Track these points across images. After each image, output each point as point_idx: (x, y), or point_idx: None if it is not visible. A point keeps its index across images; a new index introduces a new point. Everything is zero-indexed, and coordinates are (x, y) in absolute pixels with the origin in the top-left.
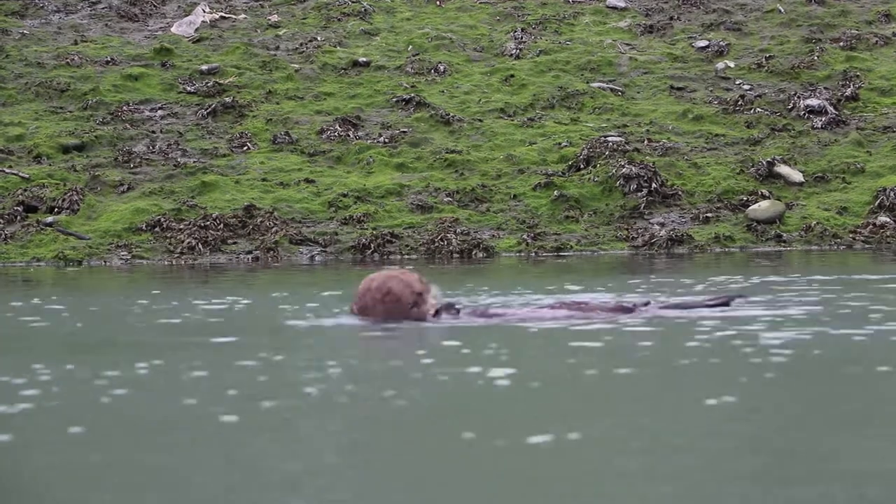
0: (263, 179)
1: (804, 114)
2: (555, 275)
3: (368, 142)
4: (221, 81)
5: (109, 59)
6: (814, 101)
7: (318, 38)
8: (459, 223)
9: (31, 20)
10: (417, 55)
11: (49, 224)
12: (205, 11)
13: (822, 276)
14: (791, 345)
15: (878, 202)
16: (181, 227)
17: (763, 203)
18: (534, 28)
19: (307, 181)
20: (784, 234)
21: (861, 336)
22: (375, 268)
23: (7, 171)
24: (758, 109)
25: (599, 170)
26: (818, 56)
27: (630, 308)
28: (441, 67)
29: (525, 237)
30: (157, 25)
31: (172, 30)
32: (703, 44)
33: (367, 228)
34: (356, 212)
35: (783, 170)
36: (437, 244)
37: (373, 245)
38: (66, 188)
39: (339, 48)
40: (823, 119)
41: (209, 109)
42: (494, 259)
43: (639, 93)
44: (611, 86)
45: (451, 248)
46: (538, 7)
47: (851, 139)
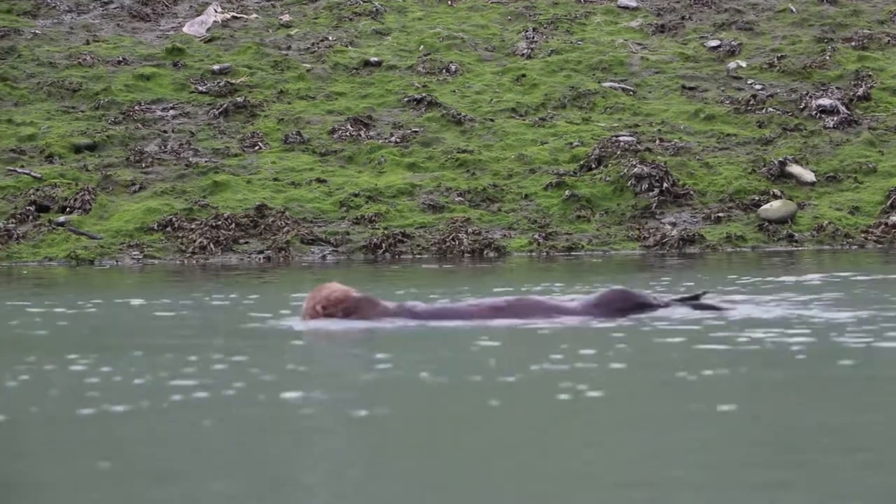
0: (275, 179)
1: (816, 113)
2: (565, 274)
3: (380, 141)
4: (233, 81)
5: (121, 59)
6: (826, 101)
7: (330, 38)
8: (471, 223)
9: (44, 20)
10: (429, 55)
11: (61, 224)
12: (216, 11)
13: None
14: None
15: (891, 202)
16: (193, 227)
17: (775, 203)
18: (545, 28)
19: (319, 181)
20: (796, 234)
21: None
22: (387, 267)
23: (19, 171)
24: (770, 109)
25: (611, 169)
26: (830, 56)
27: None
28: (452, 67)
29: (536, 237)
30: (169, 25)
31: (184, 29)
32: (715, 43)
33: (379, 228)
34: (368, 211)
35: (795, 169)
36: (449, 244)
37: (384, 245)
38: (78, 188)
39: (351, 48)
40: (835, 119)
41: (221, 109)
42: (505, 258)
43: (650, 92)
44: (622, 85)
45: (463, 248)
46: (550, 7)
47: (863, 139)
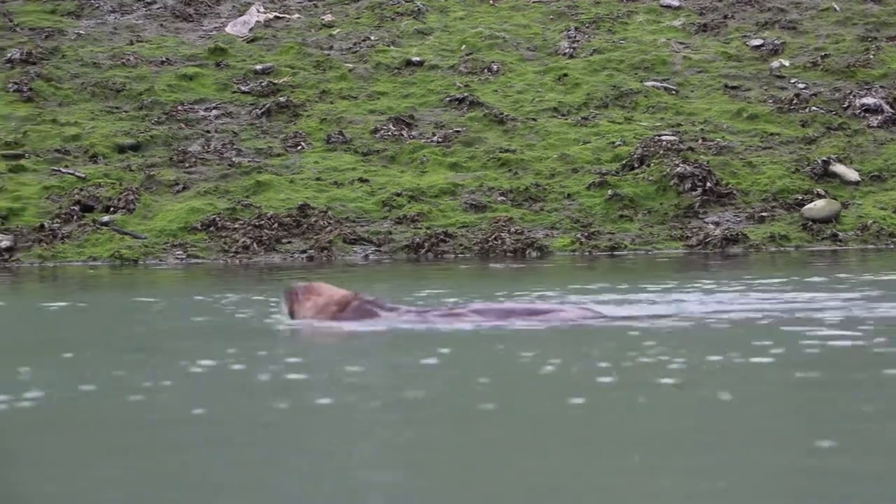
0: (317, 179)
1: (860, 112)
2: (605, 274)
3: (422, 141)
4: (275, 81)
5: (164, 59)
6: (869, 100)
7: (372, 38)
8: (513, 222)
9: (87, 20)
10: (471, 54)
11: (105, 223)
12: (259, 11)
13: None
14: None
15: None
16: (236, 227)
17: (818, 202)
18: (587, 27)
19: (361, 180)
20: (840, 234)
21: None
22: (430, 266)
23: (64, 171)
24: (813, 108)
25: (653, 169)
26: (874, 54)
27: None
28: (494, 67)
29: (579, 236)
30: (212, 25)
31: (227, 30)
32: (758, 42)
33: (421, 228)
34: (410, 211)
35: (839, 169)
36: (491, 243)
37: (426, 244)
38: (122, 188)
39: (393, 48)
40: (879, 118)
41: (263, 109)
42: (548, 258)
43: (693, 92)
44: (665, 85)
45: (505, 248)
46: (592, 6)
47: None
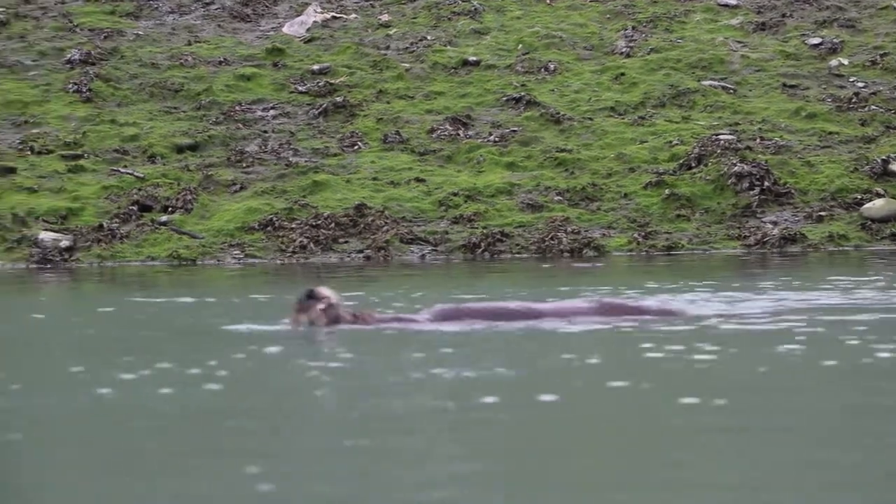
0: (374, 178)
1: None
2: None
3: (479, 141)
4: (332, 81)
5: (222, 60)
6: None
7: (429, 38)
8: (570, 222)
9: (146, 21)
10: (527, 54)
11: (163, 223)
12: (316, 11)
13: None
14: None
15: None
16: (293, 227)
17: (878, 201)
18: (644, 26)
19: (418, 180)
20: None
21: None
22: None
23: (122, 171)
24: (872, 107)
25: (711, 168)
26: None
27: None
28: (551, 66)
29: (636, 236)
30: (269, 26)
31: (284, 30)
32: (816, 41)
33: (478, 227)
34: (466, 211)
35: None
36: (548, 243)
37: (483, 244)
38: (180, 187)
39: (450, 47)
40: None
41: (320, 109)
42: (605, 258)
43: (751, 90)
44: (722, 84)
45: (562, 247)
46: (649, 5)
47: None
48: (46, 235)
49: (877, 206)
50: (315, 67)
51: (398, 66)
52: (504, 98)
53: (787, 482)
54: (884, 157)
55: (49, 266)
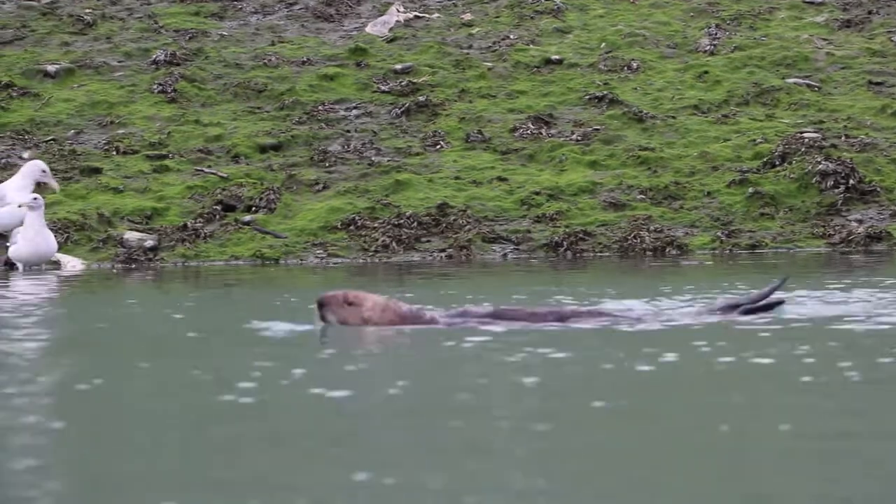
0: (456, 178)
1: None
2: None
3: (561, 139)
4: (415, 80)
5: (305, 60)
6: None
7: (511, 37)
8: (653, 221)
9: (230, 22)
10: (610, 52)
11: (247, 223)
12: (399, 11)
13: None
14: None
15: None
16: (375, 226)
17: None
18: (728, 24)
19: (500, 179)
20: None
21: None
22: (568, 266)
23: (206, 171)
24: None
25: (795, 166)
26: None
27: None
28: (634, 64)
29: (719, 234)
30: (352, 25)
31: (367, 29)
32: None
33: (560, 226)
34: (549, 210)
35: None
36: (630, 242)
37: (565, 243)
38: (264, 187)
39: (532, 46)
40: None
41: (403, 108)
42: (688, 256)
43: (836, 88)
44: (807, 81)
45: (645, 246)
46: (733, 3)
47: None
48: (131, 235)
49: None
50: (398, 67)
51: (480, 66)
52: (587, 97)
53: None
54: None
55: (133, 266)
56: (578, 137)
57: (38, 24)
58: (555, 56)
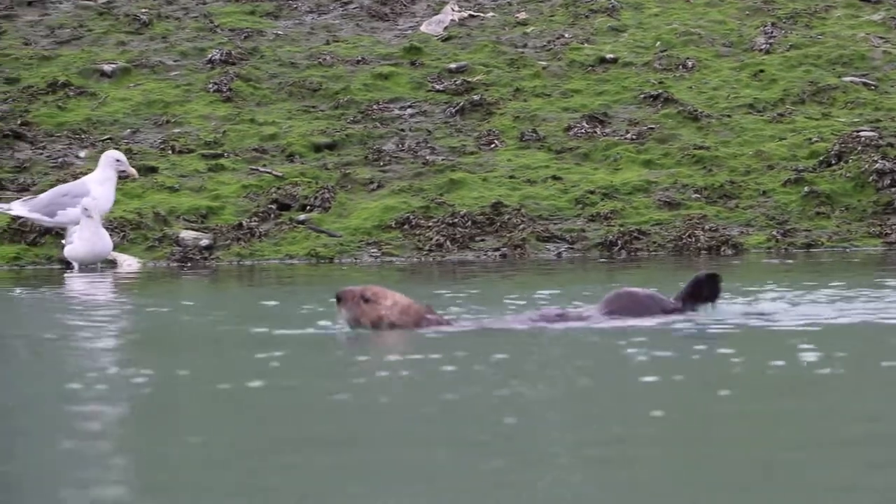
0: (511, 177)
1: None
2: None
3: (616, 138)
4: (469, 79)
5: (360, 59)
6: None
7: (566, 35)
8: (707, 220)
9: (285, 21)
10: (665, 51)
11: (301, 222)
12: (454, 10)
13: None
14: None
15: None
16: (429, 225)
17: None
18: (784, 22)
19: (554, 178)
20: None
21: None
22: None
23: (261, 170)
24: None
25: (851, 165)
26: None
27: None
28: (689, 63)
29: (775, 233)
30: (407, 24)
31: (422, 28)
32: None
33: (614, 225)
34: (603, 209)
35: None
36: (685, 241)
37: (620, 242)
38: (318, 186)
39: (587, 45)
40: None
41: (457, 107)
42: (743, 256)
43: (892, 87)
44: (863, 80)
45: (699, 245)
46: (788, 1)
47: None
48: (187, 234)
49: None
50: (452, 66)
51: (535, 64)
52: (641, 95)
53: None
54: None
55: (189, 265)
56: (633, 136)
57: (95, 24)
58: (609, 55)
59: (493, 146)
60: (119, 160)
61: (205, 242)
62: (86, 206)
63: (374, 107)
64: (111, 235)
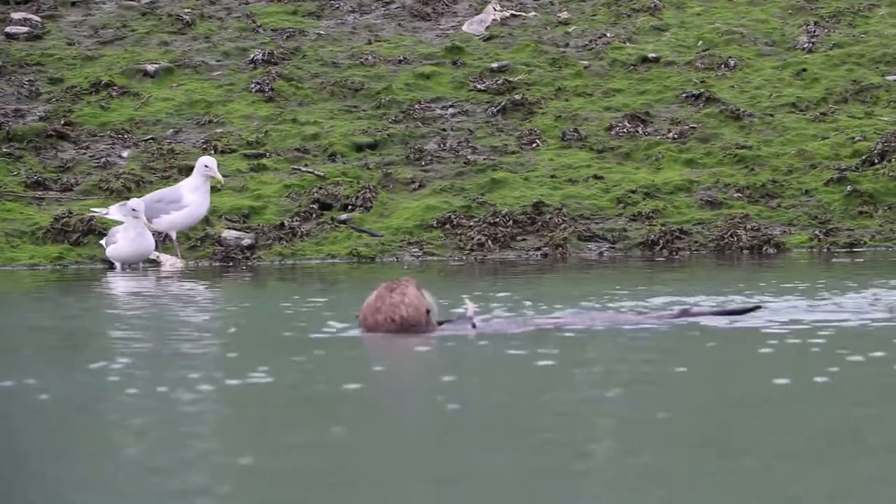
0: (552, 176)
1: None
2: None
3: (657, 138)
4: (511, 79)
5: (402, 58)
6: None
7: (608, 35)
8: (749, 219)
9: (327, 21)
10: (707, 50)
11: (343, 221)
12: (495, 10)
13: None
14: None
15: None
16: (471, 224)
17: None
18: (827, 21)
19: (596, 177)
20: None
21: None
22: (664, 265)
23: (303, 170)
24: None
25: (895, 164)
26: None
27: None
28: (731, 62)
29: (817, 233)
30: (449, 24)
31: (463, 28)
32: None
33: (656, 225)
34: (645, 208)
35: None
36: (727, 240)
37: (661, 241)
38: (360, 186)
39: (629, 44)
40: None
41: (499, 107)
42: (785, 255)
43: None
44: None
45: (741, 245)
46: (832, 0)
47: None
48: (229, 234)
49: None
50: (494, 65)
51: (577, 64)
52: (683, 95)
53: None
54: None
55: (231, 264)
56: (675, 136)
57: (138, 24)
58: (651, 54)
59: (535, 146)
60: (207, 166)
61: (247, 242)
62: (133, 207)
63: (416, 106)
64: (154, 235)
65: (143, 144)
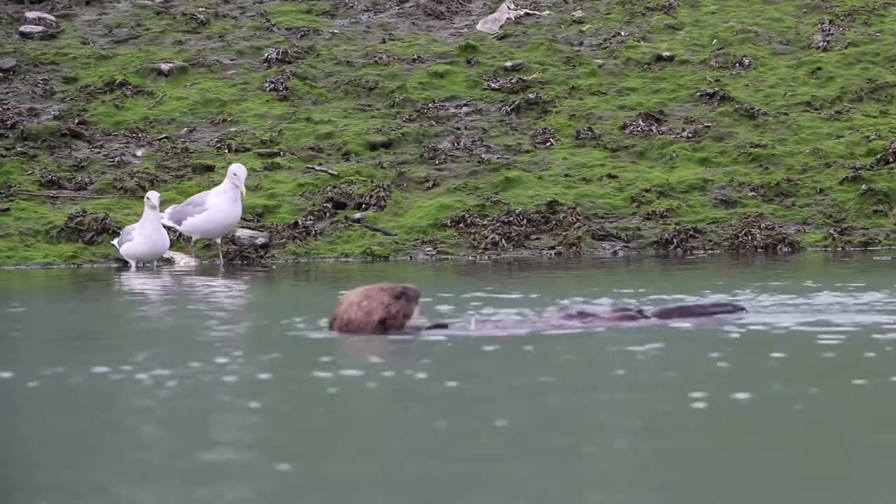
0: (566, 175)
1: None
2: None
3: (671, 136)
4: (525, 78)
5: (416, 57)
6: None
7: (622, 34)
8: (764, 218)
9: (342, 20)
10: (722, 49)
11: (357, 220)
12: (510, 8)
13: None
14: None
15: None
16: (485, 223)
17: None
18: (842, 20)
19: (610, 176)
20: None
21: None
22: (678, 263)
23: (317, 169)
24: None
25: None
26: None
27: (634, 315)
28: (746, 61)
29: (831, 232)
30: (463, 23)
31: (478, 27)
32: None
33: (670, 223)
34: (659, 207)
35: None
36: (742, 239)
37: (675, 240)
38: (374, 185)
39: (643, 43)
40: None
41: (513, 106)
42: (799, 254)
43: None
44: None
45: (756, 243)
46: None
47: None
48: (243, 233)
49: None
50: (508, 64)
51: (591, 63)
52: (698, 93)
53: None
54: None
55: (244, 263)
56: (689, 134)
57: (152, 23)
58: (666, 53)
59: (549, 144)
60: (236, 174)
61: (261, 241)
62: (148, 196)
63: (430, 105)
64: (168, 234)
65: (158, 143)
